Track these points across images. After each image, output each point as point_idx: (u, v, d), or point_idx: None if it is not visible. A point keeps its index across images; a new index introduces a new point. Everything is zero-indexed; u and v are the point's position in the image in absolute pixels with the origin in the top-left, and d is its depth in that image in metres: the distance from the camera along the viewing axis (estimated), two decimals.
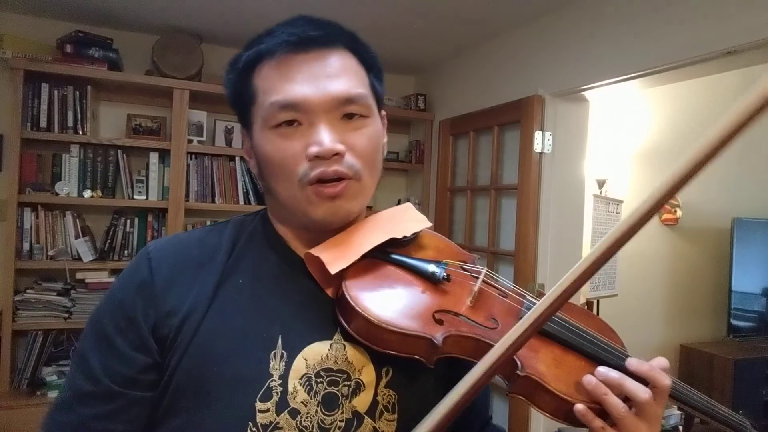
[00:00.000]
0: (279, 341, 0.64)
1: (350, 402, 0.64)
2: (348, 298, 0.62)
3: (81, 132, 2.67)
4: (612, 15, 2.14)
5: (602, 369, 0.60)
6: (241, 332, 0.64)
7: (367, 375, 0.66)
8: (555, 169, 2.47)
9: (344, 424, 0.64)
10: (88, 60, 2.65)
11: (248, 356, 0.63)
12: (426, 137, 3.40)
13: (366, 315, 0.61)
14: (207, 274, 0.67)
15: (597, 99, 2.53)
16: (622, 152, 3.54)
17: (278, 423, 0.62)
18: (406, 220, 0.73)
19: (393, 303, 0.64)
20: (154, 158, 2.80)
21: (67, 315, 2.61)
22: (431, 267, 0.67)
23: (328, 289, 0.67)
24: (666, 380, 0.60)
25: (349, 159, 0.65)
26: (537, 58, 2.52)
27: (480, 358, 0.60)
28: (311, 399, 0.63)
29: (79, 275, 2.66)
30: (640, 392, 0.58)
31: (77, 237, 2.66)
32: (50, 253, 2.62)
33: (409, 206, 0.78)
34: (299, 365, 0.64)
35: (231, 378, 0.62)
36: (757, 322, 3.79)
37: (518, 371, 0.60)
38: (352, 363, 0.65)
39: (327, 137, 0.63)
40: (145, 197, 2.78)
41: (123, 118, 2.87)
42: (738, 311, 3.74)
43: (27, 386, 2.57)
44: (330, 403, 0.64)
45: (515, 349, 0.54)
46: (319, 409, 0.63)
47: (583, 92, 2.35)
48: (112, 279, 2.70)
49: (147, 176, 2.80)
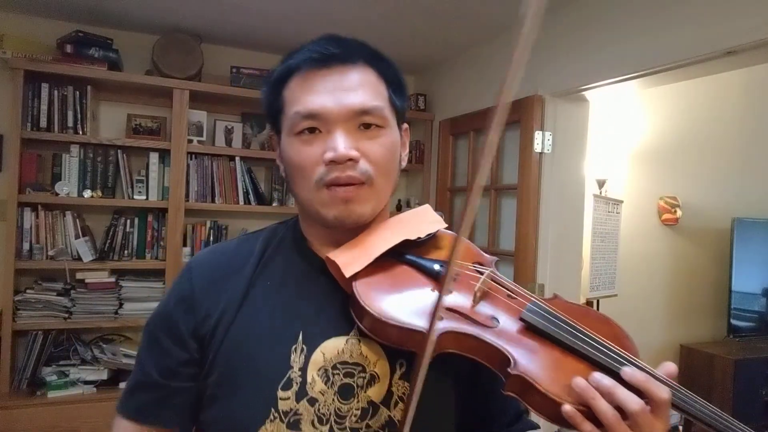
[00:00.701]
0: (300, 337, 0.71)
1: (365, 392, 0.70)
2: (356, 295, 0.67)
3: (81, 132, 2.67)
4: (612, 15, 2.14)
5: (597, 375, 0.59)
6: (267, 329, 0.72)
7: (381, 368, 0.71)
8: (555, 169, 2.47)
9: (360, 413, 0.70)
10: (88, 60, 2.65)
11: (272, 350, 0.71)
12: (426, 137, 3.40)
13: (369, 310, 0.66)
14: (239, 279, 0.76)
15: (597, 99, 2.53)
16: (622, 152, 3.54)
17: (298, 410, 0.69)
18: (422, 222, 0.77)
19: (397, 299, 0.68)
20: (154, 158, 2.81)
21: (67, 315, 2.61)
22: (437, 266, 0.71)
23: (347, 288, 0.71)
24: (662, 393, 0.58)
25: (363, 165, 0.70)
26: (537, 58, 2.52)
27: (481, 356, 0.64)
28: (328, 389, 0.70)
29: (79, 275, 2.66)
30: (631, 402, 0.57)
31: (77, 237, 2.66)
32: (50, 253, 2.62)
33: (427, 208, 0.82)
34: (317, 358, 0.70)
35: (256, 369, 0.70)
36: (757, 322, 3.79)
37: (509, 369, 0.61)
38: (366, 357, 0.71)
39: (342, 144, 0.69)
40: (145, 197, 2.78)
41: (123, 118, 2.88)
42: (738, 311, 3.74)
43: (27, 386, 2.57)
44: (346, 393, 0.70)
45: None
46: (336, 398, 0.70)
47: (583, 92, 2.35)
48: (112, 279, 2.70)
49: (147, 176, 2.80)
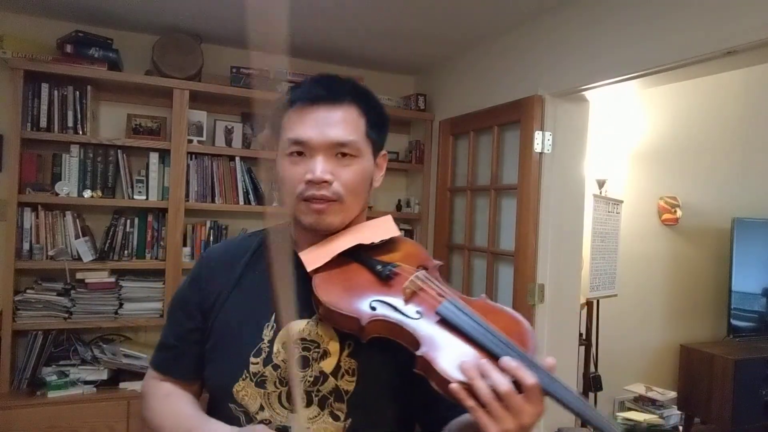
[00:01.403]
0: (273, 317, 0.90)
1: (318, 364, 0.87)
2: (314, 287, 0.84)
3: (81, 132, 2.67)
4: (612, 15, 2.14)
5: (481, 360, 0.69)
6: (249, 308, 0.92)
7: (333, 346, 0.88)
8: (555, 169, 2.47)
9: (312, 380, 0.87)
10: (88, 60, 2.65)
11: (249, 325, 0.91)
12: (426, 137, 3.40)
13: (319, 297, 0.82)
14: (236, 267, 0.97)
15: (597, 99, 2.53)
16: (622, 152, 3.54)
17: (264, 373, 0.88)
18: (378, 230, 0.94)
19: (342, 291, 0.83)
20: (154, 158, 2.81)
21: (67, 315, 2.61)
22: (379, 266, 0.87)
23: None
24: (529, 379, 0.66)
25: (336, 186, 0.87)
26: (537, 58, 2.52)
27: (402, 340, 0.77)
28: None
29: (79, 275, 2.66)
30: (500, 384, 0.66)
31: (77, 237, 2.66)
32: (50, 253, 2.62)
33: (388, 218, 0.98)
34: (283, 334, 0.88)
35: (236, 339, 0.90)
36: (757, 322, 3.79)
37: (417, 351, 0.73)
38: (322, 336, 0.88)
39: (319, 168, 0.86)
40: (145, 197, 2.78)
41: (123, 118, 2.88)
42: (738, 311, 3.74)
43: (27, 386, 2.57)
44: (303, 363, 0.87)
45: None
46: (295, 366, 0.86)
47: (583, 92, 2.35)
48: (112, 279, 2.70)
49: (147, 176, 2.80)
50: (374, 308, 0.80)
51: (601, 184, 3.33)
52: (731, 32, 1.69)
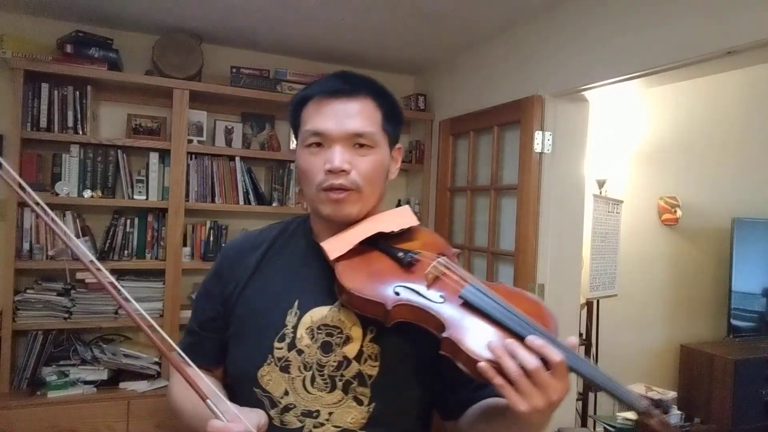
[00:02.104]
0: (296, 303, 0.93)
1: (341, 349, 0.89)
2: (337, 274, 0.86)
3: (81, 132, 2.67)
4: (612, 15, 2.14)
5: (507, 340, 0.72)
6: (272, 295, 0.95)
7: (356, 332, 0.90)
8: (555, 169, 2.47)
9: (336, 364, 0.89)
10: (88, 60, 2.65)
11: (273, 311, 0.93)
12: (426, 137, 3.40)
13: (343, 284, 0.84)
14: (254, 255, 1.00)
15: (597, 99, 2.53)
16: (622, 152, 3.54)
17: (288, 357, 0.90)
18: (397, 220, 0.96)
19: (365, 278, 0.86)
20: (154, 158, 2.80)
21: (67, 315, 2.61)
22: (400, 253, 0.89)
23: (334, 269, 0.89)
24: (555, 356, 0.69)
25: (354, 176, 0.90)
26: (537, 58, 2.52)
27: (427, 324, 0.80)
28: (312, 343, 0.90)
29: (79, 275, 2.66)
30: (528, 361, 0.69)
31: (77, 237, 2.66)
32: (50, 253, 2.62)
33: (406, 208, 1.00)
34: (306, 320, 0.91)
35: (260, 325, 0.93)
36: (757, 322, 3.79)
37: (443, 333, 0.76)
38: (344, 322, 0.90)
39: (337, 158, 0.89)
40: (145, 197, 2.78)
41: (123, 118, 2.88)
42: (738, 311, 3.74)
43: (27, 386, 2.57)
44: (326, 348, 0.90)
45: None
46: (318, 352, 0.90)
47: (583, 92, 2.35)
48: (112, 279, 2.69)
49: (147, 176, 2.80)
50: (398, 293, 0.82)
51: (601, 184, 3.33)
52: (731, 32, 1.69)
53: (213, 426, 0.75)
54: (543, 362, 0.70)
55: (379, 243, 0.92)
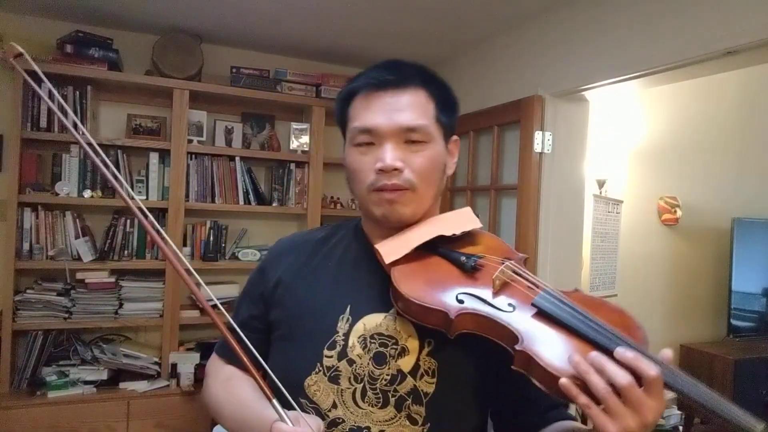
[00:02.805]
0: (348, 309, 0.86)
1: (396, 362, 0.82)
2: (393, 280, 0.79)
3: (81, 132, 2.66)
4: (612, 15, 2.14)
5: (592, 353, 0.64)
6: (323, 299, 0.88)
7: (412, 343, 0.83)
8: (555, 169, 2.47)
9: (389, 378, 0.82)
10: (88, 60, 2.65)
11: (324, 316, 0.86)
12: None
13: (400, 291, 0.77)
14: (300, 255, 0.95)
15: (597, 99, 2.53)
16: (622, 152, 3.54)
17: (338, 367, 0.83)
18: (459, 222, 0.89)
19: (425, 284, 0.78)
20: (154, 158, 2.81)
21: (67, 315, 2.61)
22: (462, 258, 0.82)
23: (389, 273, 0.82)
24: (651, 371, 0.61)
25: (407, 174, 0.83)
26: (537, 58, 2.52)
27: (494, 335, 0.72)
28: (365, 354, 0.83)
29: (79, 275, 2.66)
30: (619, 377, 0.61)
31: (77, 237, 2.66)
32: (50, 253, 2.62)
33: (468, 210, 0.94)
34: (359, 327, 0.85)
35: (310, 330, 0.87)
36: (757, 322, 3.79)
37: (516, 345, 0.68)
38: (400, 332, 0.83)
39: (389, 156, 0.82)
40: (145, 197, 2.78)
41: (123, 118, 2.88)
42: (738, 311, 3.73)
43: (27, 386, 2.57)
44: (379, 360, 0.83)
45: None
46: (370, 363, 0.83)
47: (583, 92, 2.35)
48: (113, 279, 2.70)
49: (147, 176, 2.80)
50: (462, 301, 0.75)
51: (601, 184, 3.33)
52: (731, 32, 1.69)
53: (279, 429, 0.72)
54: (635, 378, 0.61)
55: (439, 247, 0.85)
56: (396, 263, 0.81)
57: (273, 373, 0.89)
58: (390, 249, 0.83)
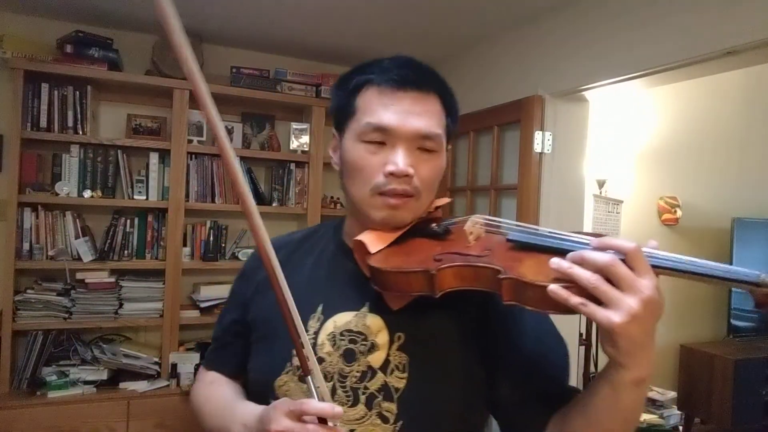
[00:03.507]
0: (320, 308, 0.87)
1: (366, 358, 0.82)
2: (371, 263, 0.78)
3: (81, 132, 2.67)
4: (612, 15, 2.14)
5: (569, 254, 0.64)
6: (295, 299, 0.81)
7: (382, 338, 0.82)
8: (555, 169, 2.47)
9: (360, 375, 0.81)
10: (88, 60, 2.65)
11: None
12: None
13: (379, 267, 0.76)
14: (278, 256, 0.87)
15: (597, 99, 2.53)
16: (622, 152, 3.54)
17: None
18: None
19: (402, 256, 0.79)
20: (154, 158, 2.80)
21: (67, 315, 2.61)
22: (434, 226, 0.84)
23: (366, 270, 0.81)
24: (627, 245, 0.61)
25: (416, 181, 0.80)
26: (537, 58, 2.52)
27: (479, 283, 0.71)
28: (334, 351, 0.83)
29: (79, 275, 2.66)
30: (599, 257, 0.60)
31: (77, 237, 2.66)
32: (50, 253, 2.62)
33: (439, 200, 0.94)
34: (329, 326, 0.85)
35: (281, 329, 0.80)
36: (757, 322, 3.79)
37: (500, 276, 0.67)
38: (369, 327, 0.83)
39: (402, 161, 0.79)
40: (145, 197, 2.78)
41: (123, 118, 2.88)
42: (738, 311, 3.74)
43: (27, 386, 2.57)
44: (349, 357, 0.82)
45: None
46: (340, 360, 0.82)
47: (583, 92, 2.35)
48: (113, 279, 2.70)
49: (147, 176, 2.80)
50: (440, 260, 0.74)
51: (601, 184, 3.33)
52: (731, 32, 1.69)
53: (307, 404, 0.70)
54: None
55: (415, 229, 0.85)
56: (378, 252, 0.80)
57: (249, 375, 0.91)
58: (374, 239, 0.81)
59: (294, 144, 3.10)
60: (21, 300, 2.55)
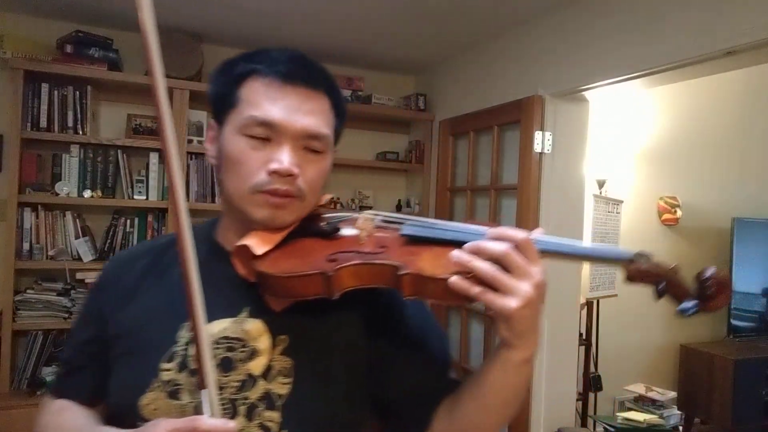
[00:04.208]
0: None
1: (245, 365, 0.75)
2: (259, 269, 0.73)
3: (81, 132, 2.67)
4: (612, 15, 2.14)
5: (466, 245, 0.66)
6: (161, 309, 0.80)
7: (263, 343, 0.76)
8: (555, 169, 2.47)
9: (239, 384, 0.74)
10: (88, 60, 2.65)
11: (162, 326, 0.78)
12: (426, 137, 3.40)
13: (270, 273, 0.71)
14: (138, 267, 0.85)
15: (597, 99, 2.54)
16: (622, 152, 3.54)
17: (178, 380, 0.74)
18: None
19: (294, 260, 0.74)
20: (154, 158, 2.80)
21: (67, 315, 2.61)
22: (323, 225, 0.80)
23: (249, 275, 0.76)
24: (518, 234, 0.65)
25: (300, 182, 0.76)
26: (537, 58, 2.52)
27: (377, 281, 0.70)
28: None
29: (79, 275, 2.66)
30: (496, 246, 0.64)
31: (77, 237, 2.66)
32: (50, 253, 2.62)
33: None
34: None
35: (144, 344, 0.78)
36: (757, 322, 3.79)
37: (398, 273, 0.67)
38: (249, 332, 0.77)
39: (287, 159, 0.74)
40: (145, 197, 2.78)
41: (123, 118, 2.88)
42: (738, 311, 3.74)
43: (27, 386, 2.57)
44: (226, 366, 0.75)
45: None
46: (217, 371, 0.73)
47: (583, 92, 2.35)
48: None
49: (147, 176, 2.80)
50: (333, 260, 0.71)
51: (601, 184, 3.33)
52: (731, 32, 1.69)
53: (199, 421, 0.64)
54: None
55: (302, 229, 0.81)
56: (264, 255, 0.75)
57: (108, 399, 0.80)
58: (258, 241, 0.75)
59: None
60: (21, 300, 2.55)
